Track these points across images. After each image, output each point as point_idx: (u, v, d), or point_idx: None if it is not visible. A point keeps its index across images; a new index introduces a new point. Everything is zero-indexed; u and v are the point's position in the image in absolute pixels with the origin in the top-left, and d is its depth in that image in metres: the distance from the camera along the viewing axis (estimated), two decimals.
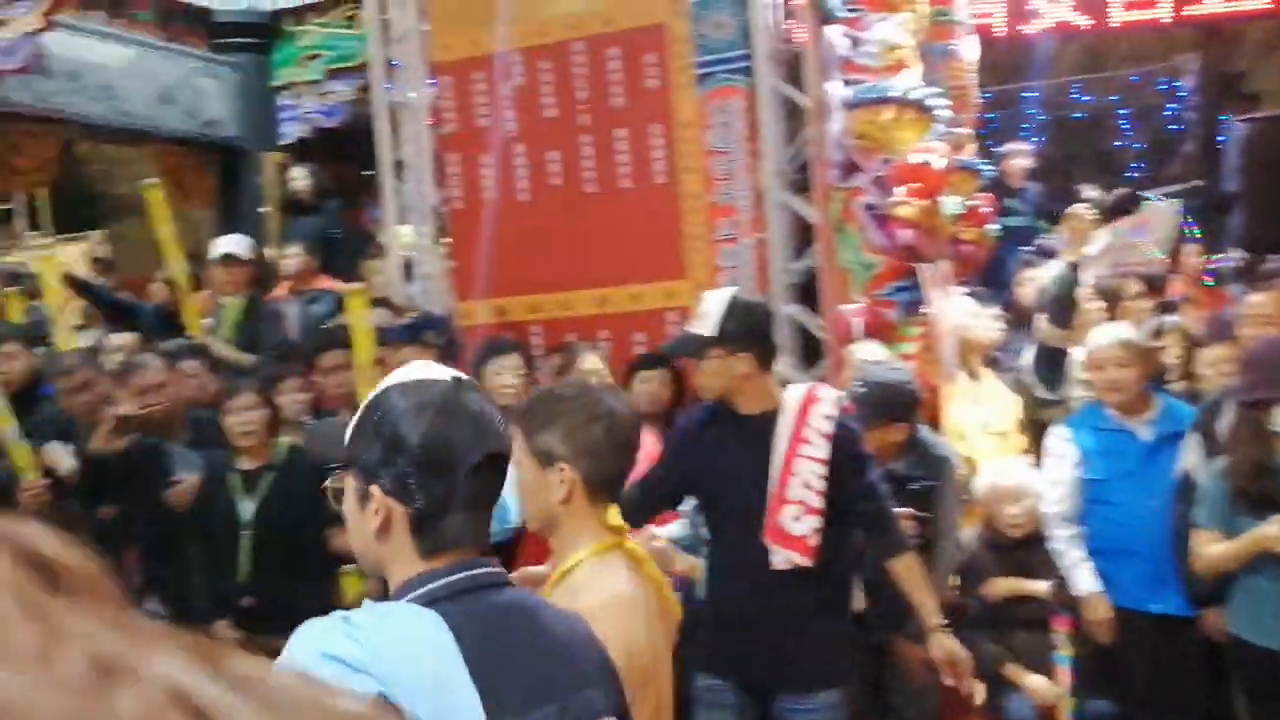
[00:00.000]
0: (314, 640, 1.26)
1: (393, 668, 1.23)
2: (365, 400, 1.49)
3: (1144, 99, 10.03)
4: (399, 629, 1.31)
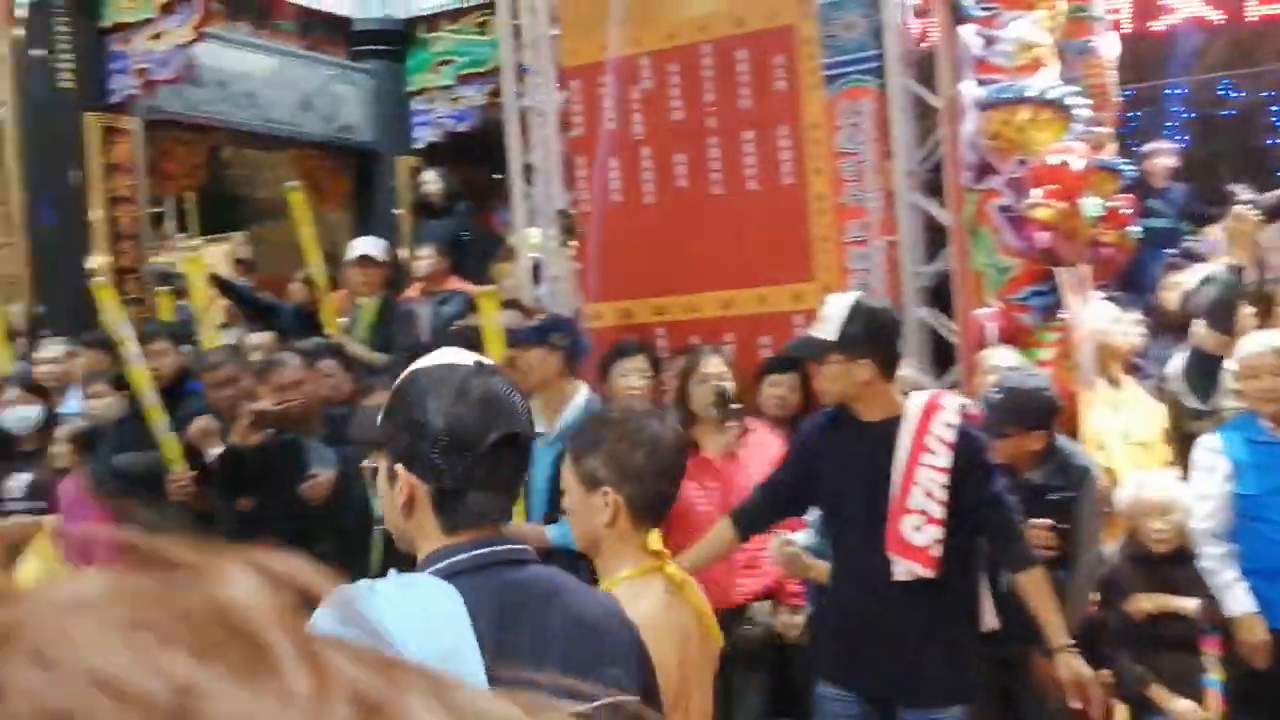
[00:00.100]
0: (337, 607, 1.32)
1: (405, 634, 1.28)
2: (395, 385, 1.56)
3: None
4: (416, 599, 1.37)
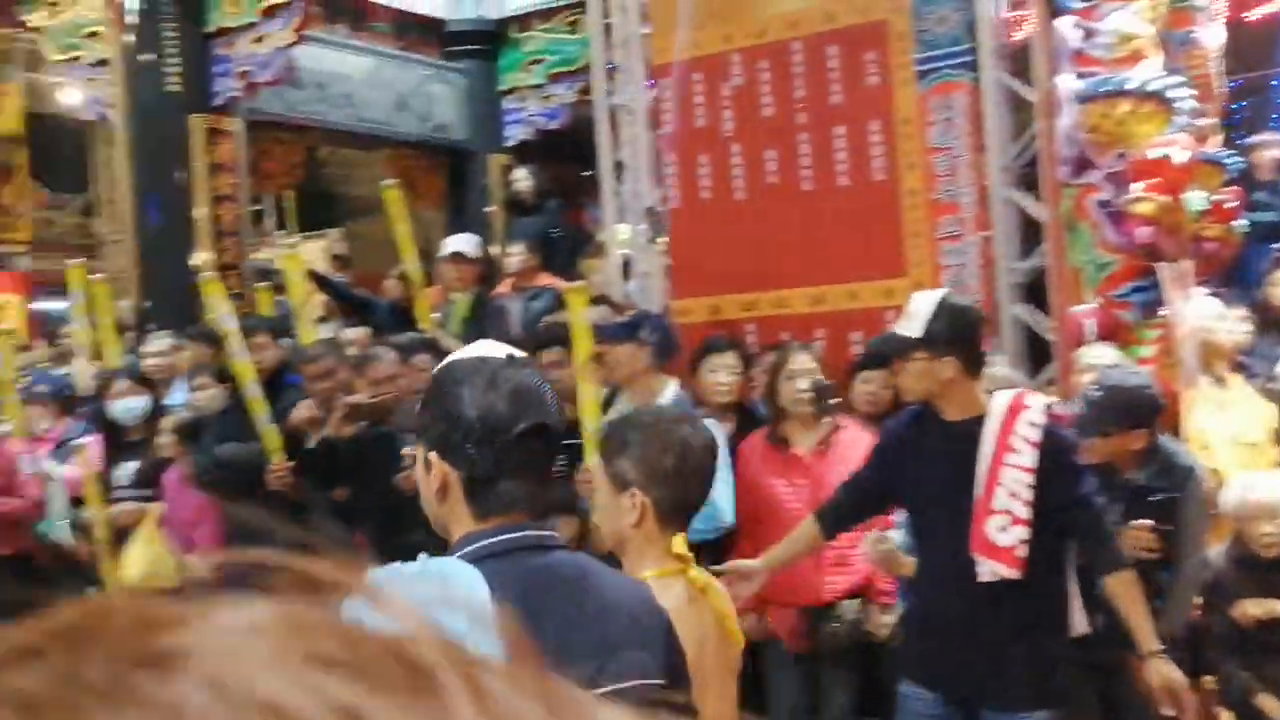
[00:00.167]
0: None
1: (426, 613, 1.33)
2: (432, 376, 1.61)
3: None
4: (439, 580, 1.41)
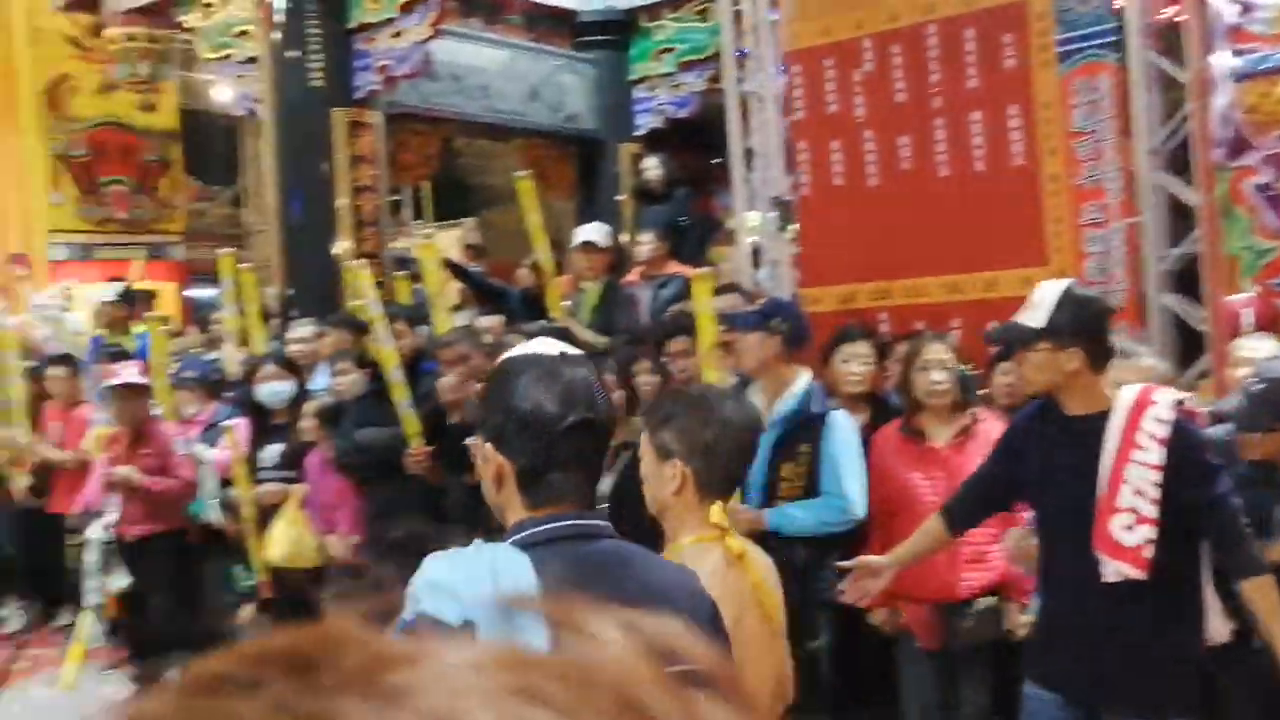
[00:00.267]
0: (426, 568, 1.46)
1: (475, 594, 1.39)
2: (490, 372, 1.70)
3: None
4: (490, 563, 1.47)
